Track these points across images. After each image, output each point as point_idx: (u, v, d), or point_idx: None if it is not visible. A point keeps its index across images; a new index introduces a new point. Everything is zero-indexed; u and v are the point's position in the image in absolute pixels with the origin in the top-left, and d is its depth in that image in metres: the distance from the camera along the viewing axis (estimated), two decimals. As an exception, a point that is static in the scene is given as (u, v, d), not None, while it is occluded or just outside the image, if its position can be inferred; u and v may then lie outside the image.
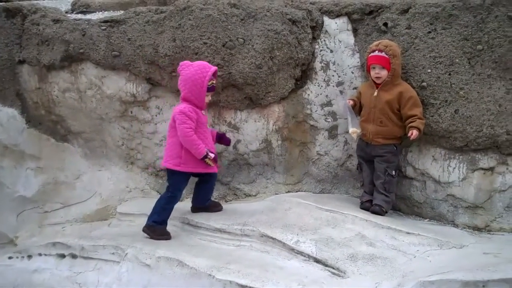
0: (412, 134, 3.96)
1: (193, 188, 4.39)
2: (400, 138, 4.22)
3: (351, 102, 4.27)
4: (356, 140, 4.36)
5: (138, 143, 4.89)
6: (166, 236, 4.03)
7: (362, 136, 4.23)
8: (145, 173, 4.95)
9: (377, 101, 4.15)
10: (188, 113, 4.00)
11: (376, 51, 4.10)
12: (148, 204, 4.57)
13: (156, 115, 4.77)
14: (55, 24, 4.70)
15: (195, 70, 4.01)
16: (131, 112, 4.79)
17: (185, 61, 4.11)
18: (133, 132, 4.86)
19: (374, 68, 4.14)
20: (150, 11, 4.71)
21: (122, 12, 4.96)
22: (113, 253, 3.91)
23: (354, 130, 4.18)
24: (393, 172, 4.20)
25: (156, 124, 4.78)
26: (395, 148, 4.22)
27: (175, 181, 4.17)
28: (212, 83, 4.11)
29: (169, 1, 5.53)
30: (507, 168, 3.94)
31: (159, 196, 4.68)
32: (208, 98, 4.16)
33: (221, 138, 4.40)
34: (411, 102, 4.05)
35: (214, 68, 4.09)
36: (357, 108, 4.31)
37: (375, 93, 4.16)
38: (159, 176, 4.90)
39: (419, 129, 3.97)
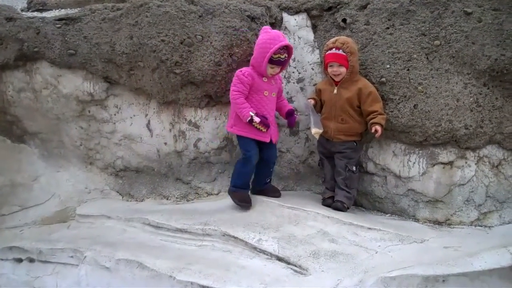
0: (376, 131, 3.96)
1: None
2: (361, 134, 4.24)
3: (312, 102, 4.23)
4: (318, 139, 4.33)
5: (96, 143, 4.79)
6: (245, 203, 4.10)
7: (323, 133, 4.20)
8: (105, 173, 4.85)
9: (337, 99, 4.15)
10: (241, 77, 4.06)
11: (334, 49, 4.09)
12: (108, 205, 4.55)
13: (114, 114, 4.67)
14: (8, 22, 4.55)
15: (267, 38, 4.01)
16: (89, 112, 4.68)
17: (267, 26, 4.16)
18: (91, 132, 4.75)
19: (332, 65, 4.13)
20: (106, 8, 4.62)
21: (78, 9, 4.84)
22: (71, 256, 3.82)
23: (316, 131, 4.14)
24: (354, 168, 4.21)
25: (114, 123, 4.69)
26: (355, 144, 4.23)
27: (240, 144, 4.23)
28: (279, 57, 4.03)
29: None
30: (466, 162, 3.98)
31: (119, 197, 4.65)
32: (273, 70, 4.11)
33: (289, 115, 4.29)
34: (371, 98, 4.05)
35: (284, 42, 4.01)
36: (318, 106, 4.29)
37: (335, 91, 4.16)
38: (119, 176, 4.81)
39: (381, 125, 3.98)
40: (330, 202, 4.16)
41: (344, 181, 4.18)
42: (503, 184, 3.97)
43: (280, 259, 3.44)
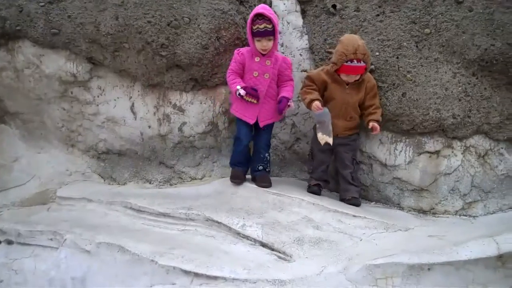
0: (375, 129, 3.92)
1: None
2: (359, 126, 4.20)
3: (319, 103, 3.97)
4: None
5: (79, 125, 4.69)
6: (236, 179, 4.20)
7: None
8: (87, 156, 4.76)
9: (349, 98, 4.03)
10: (235, 55, 4.13)
11: (355, 61, 3.84)
12: (89, 188, 4.50)
13: (97, 96, 4.58)
14: (-11, -1, 4.46)
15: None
16: (72, 93, 4.58)
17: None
18: (73, 114, 4.65)
19: (348, 75, 3.96)
20: (91, -12, 4.52)
21: (62, -12, 4.74)
22: (51, 239, 3.75)
23: (326, 139, 3.96)
24: (357, 159, 4.20)
25: (98, 105, 4.59)
26: (358, 134, 4.21)
27: (236, 124, 4.32)
28: (258, 28, 3.93)
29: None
30: (452, 152, 3.98)
31: (101, 180, 4.58)
32: (261, 44, 4.00)
33: (278, 102, 4.12)
34: (374, 91, 4.02)
35: (257, 11, 3.94)
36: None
37: (348, 91, 4.03)
38: (101, 159, 4.73)
39: (379, 121, 3.96)
40: (316, 190, 4.11)
41: (351, 174, 4.11)
42: (488, 174, 3.98)
43: (264, 245, 3.42)
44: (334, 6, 4.36)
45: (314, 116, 4.04)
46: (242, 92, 3.96)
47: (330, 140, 3.94)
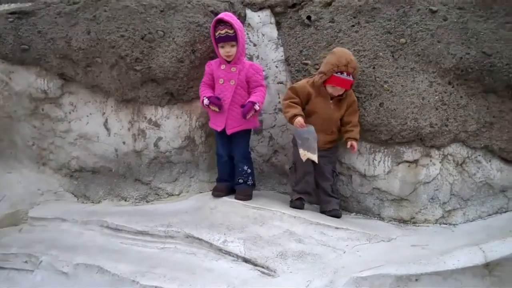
0: (353, 148, 3.93)
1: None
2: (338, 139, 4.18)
3: (302, 120, 3.91)
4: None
5: (50, 142, 4.59)
6: (216, 192, 4.21)
7: None
8: (59, 174, 4.65)
9: (332, 114, 4.02)
10: (205, 67, 4.22)
11: (345, 74, 3.84)
12: (62, 207, 4.40)
13: (69, 112, 4.49)
14: (-44, 15, 4.35)
15: None
16: (42, 110, 4.49)
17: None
18: (44, 131, 4.55)
19: (334, 88, 3.94)
20: (62, 2, 4.44)
21: (31, 3, 4.63)
22: (26, 262, 3.65)
23: (309, 156, 3.91)
24: (337, 170, 4.19)
25: (69, 122, 4.50)
26: (337, 147, 4.20)
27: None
28: (220, 33, 4.01)
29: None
30: (430, 160, 3.98)
31: (74, 199, 4.48)
32: (225, 51, 4.06)
33: (241, 106, 4.08)
34: (353, 107, 4.02)
35: (218, 17, 4.04)
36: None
37: (332, 106, 4.01)
38: (73, 177, 4.62)
39: (357, 140, 3.97)
40: (299, 204, 4.04)
41: (331, 186, 4.10)
42: (467, 182, 3.99)
43: (246, 260, 3.35)
44: (308, 18, 4.35)
45: (296, 132, 3.98)
46: (206, 101, 4.02)
47: (314, 158, 3.91)
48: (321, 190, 4.13)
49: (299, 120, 3.89)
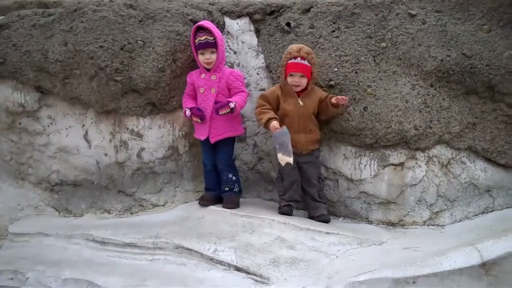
0: (341, 98, 3.89)
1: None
2: (320, 140, 4.18)
3: (277, 123, 3.92)
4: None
5: (28, 156, 4.47)
6: (202, 201, 4.23)
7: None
8: (39, 188, 4.52)
9: (303, 110, 4.02)
10: (187, 78, 4.25)
11: (298, 58, 3.95)
12: (44, 222, 4.31)
13: (48, 126, 4.39)
14: None
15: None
16: (20, 124, 4.38)
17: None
18: (22, 145, 4.44)
19: (293, 75, 3.99)
20: (36, 14, 4.35)
21: (3, 16, 4.53)
22: (11, 279, 3.56)
23: (286, 159, 3.81)
24: (323, 175, 4.18)
25: (48, 135, 4.39)
26: (319, 151, 4.19)
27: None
28: (200, 40, 4.04)
29: (51, 5, 5.12)
30: (416, 163, 4.01)
31: (56, 213, 4.38)
32: (205, 58, 4.09)
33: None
34: (327, 100, 4.00)
35: (198, 23, 4.10)
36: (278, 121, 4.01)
37: (301, 102, 4.03)
38: (54, 191, 4.50)
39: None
40: (287, 210, 4.02)
41: (318, 192, 4.09)
42: (452, 183, 4.03)
43: (238, 269, 3.34)
44: (288, 24, 4.36)
45: (274, 136, 3.95)
46: (188, 112, 4.05)
47: (290, 160, 3.84)
48: (308, 196, 4.13)
49: (273, 123, 3.91)
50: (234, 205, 4.10)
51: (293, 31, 4.35)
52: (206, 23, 4.06)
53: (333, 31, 4.22)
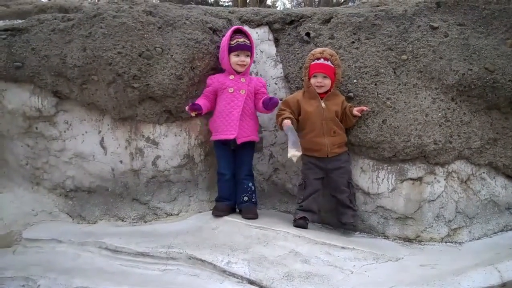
0: (360, 109, 3.96)
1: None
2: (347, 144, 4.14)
3: (289, 122, 3.93)
4: (296, 162, 3.93)
5: (44, 162, 4.46)
6: (217, 211, 4.15)
7: (315, 152, 4.01)
8: (53, 194, 4.52)
9: (327, 112, 3.99)
10: (207, 80, 4.24)
11: (322, 59, 3.97)
12: (57, 228, 4.25)
13: (64, 131, 4.38)
14: None
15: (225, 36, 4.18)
16: (36, 128, 4.38)
17: None
18: (38, 150, 4.43)
19: (316, 76, 4.00)
20: (55, 19, 4.35)
21: (24, 20, 4.54)
22: (23, 286, 3.49)
23: (294, 154, 3.76)
24: (353, 182, 4.12)
25: (64, 140, 4.39)
26: (348, 155, 4.12)
27: (216, 158, 4.34)
28: (238, 41, 4.09)
29: (71, 10, 5.14)
30: (435, 178, 3.95)
31: (69, 219, 4.37)
32: (240, 59, 4.12)
33: (263, 101, 4.05)
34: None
35: (236, 26, 4.18)
36: (295, 123, 4.01)
37: (323, 104, 4.01)
38: (68, 197, 4.49)
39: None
40: (302, 223, 3.97)
41: (349, 198, 4.04)
42: (472, 199, 3.96)
43: (252, 282, 3.25)
44: (307, 34, 4.33)
45: (285, 132, 3.93)
46: (186, 108, 4.01)
47: (299, 153, 3.76)
48: (338, 202, 4.09)
49: (286, 121, 3.91)
50: (254, 215, 4.07)
51: (312, 41, 4.31)
52: (244, 29, 4.15)
53: (353, 42, 4.17)
